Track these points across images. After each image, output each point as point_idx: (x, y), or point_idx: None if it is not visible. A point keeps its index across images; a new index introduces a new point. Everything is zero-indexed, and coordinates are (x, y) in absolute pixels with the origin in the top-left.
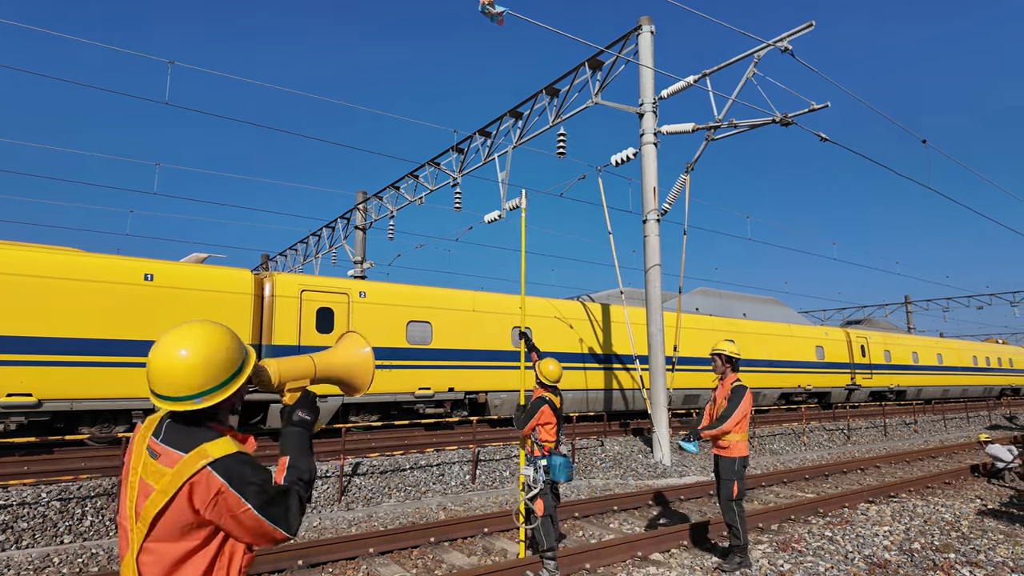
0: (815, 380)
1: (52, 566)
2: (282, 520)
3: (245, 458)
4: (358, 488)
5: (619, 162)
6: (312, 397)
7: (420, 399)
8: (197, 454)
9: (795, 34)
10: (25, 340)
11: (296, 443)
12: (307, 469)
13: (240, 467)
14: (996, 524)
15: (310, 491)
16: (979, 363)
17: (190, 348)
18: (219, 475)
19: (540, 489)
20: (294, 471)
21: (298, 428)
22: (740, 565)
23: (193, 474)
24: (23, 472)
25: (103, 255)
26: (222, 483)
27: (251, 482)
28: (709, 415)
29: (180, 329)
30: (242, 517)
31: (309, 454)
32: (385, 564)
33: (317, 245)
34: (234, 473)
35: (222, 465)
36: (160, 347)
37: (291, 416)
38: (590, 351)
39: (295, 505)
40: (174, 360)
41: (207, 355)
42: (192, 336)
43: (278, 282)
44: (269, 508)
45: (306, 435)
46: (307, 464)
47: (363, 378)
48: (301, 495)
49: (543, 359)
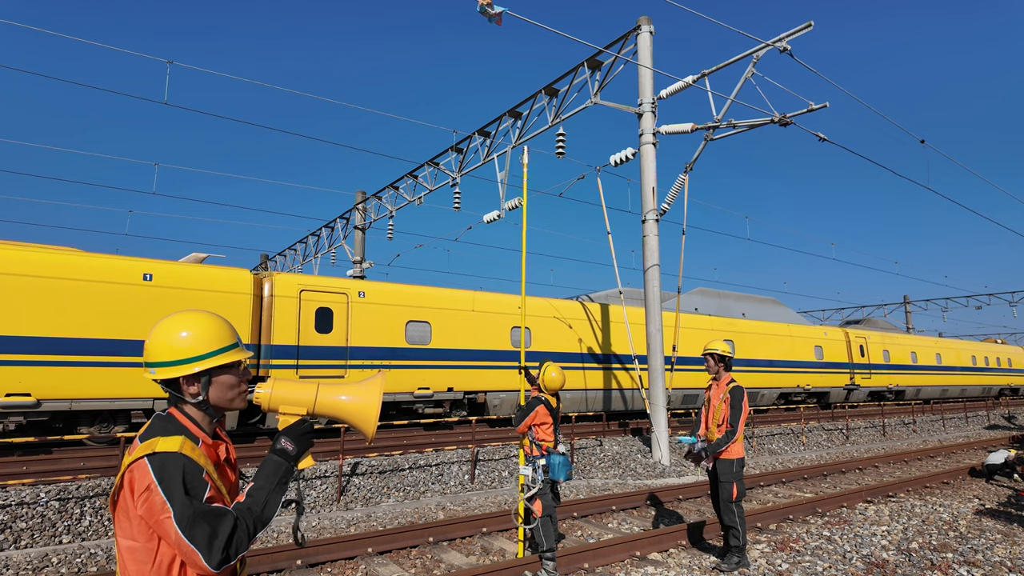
0: (814, 380)
1: (51, 566)
2: (203, 544)
3: (187, 462)
4: (357, 488)
5: (618, 162)
6: (304, 428)
7: (419, 399)
8: (148, 444)
9: (794, 34)
10: (24, 340)
11: (268, 473)
12: (264, 502)
13: (176, 468)
14: (994, 524)
15: (259, 526)
16: (978, 363)
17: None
18: (152, 469)
19: (539, 489)
20: (249, 500)
21: (277, 457)
22: (738, 564)
23: (131, 462)
24: (22, 472)
25: (102, 255)
26: (152, 479)
27: (179, 488)
28: (705, 419)
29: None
30: (164, 524)
31: (279, 490)
32: (384, 564)
33: (316, 245)
34: (168, 473)
35: (159, 460)
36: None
37: (275, 443)
38: (589, 351)
39: (226, 533)
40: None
41: (170, 330)
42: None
43: (277, 282)
44: (192, 525)
45: (283, 466)
46: (267, 497)
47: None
48: (240, 527)
49: (547, 366)
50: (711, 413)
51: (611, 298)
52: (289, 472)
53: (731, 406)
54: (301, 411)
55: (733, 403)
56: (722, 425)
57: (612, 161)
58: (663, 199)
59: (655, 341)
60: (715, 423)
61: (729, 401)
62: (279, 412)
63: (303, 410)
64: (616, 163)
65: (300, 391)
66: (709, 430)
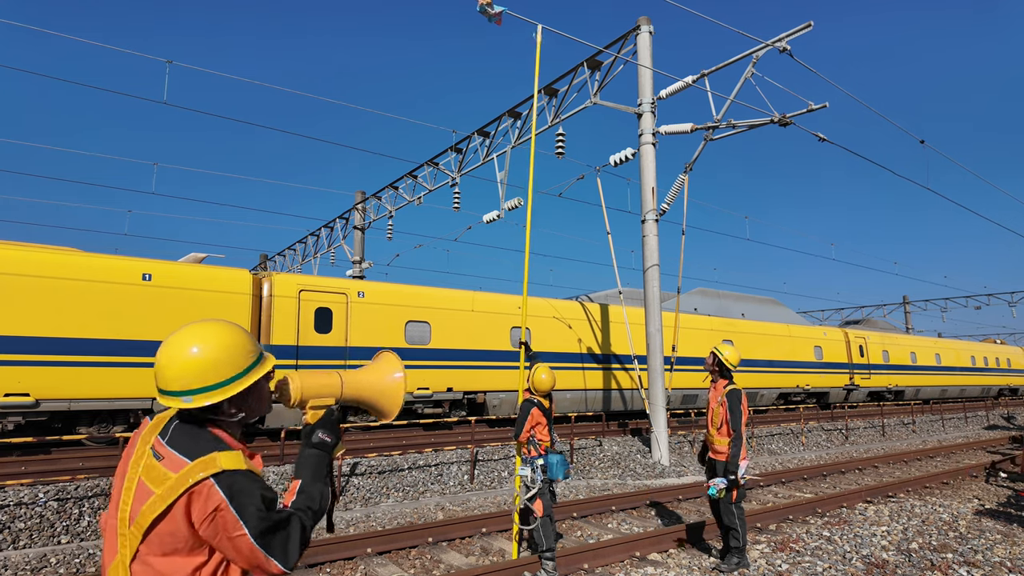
0: (813, 380)
1: (49, 566)
2: (279, 551)
3: (253, 477)
4: (356, 488)
5: (618, 162)
6: (336, 418)
7: (418, 399)
8: (205, 463)
9: (794, 34)
10: (23, 340)
11: (312, 467)
12: (319, 496)
13: (246, 486)
14: (994, 524)
15: (318, 520)
16: (977, 363)
17: (188, 344)
18: (221, 490)
19: (539, 489)
20: (303, 497)
21: (317, 451)
22: (738, 565)
23: (195, 483)
24: (20, 472)
25: (101, 255)
26: (222, 499)
27: (253, 505)
28: (710, 421)
29: (192, 325)
30: (237, 541)
31: (324, 480)
32: (383, 564)
33: (316, 245)
34: (237, 491)
35: (227, 480)
36: (167, 340)
37: (311, 437)
38: (589, 351)
39: (296, 535)
40: (175, 353)
41: (200, 352)
42: (196, 332)
43: (276, 282)
44: (267, 536)
45: (325, 458)
46: (319, 491)
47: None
48: (305, 524)
49: (536, 367)
50: (710, 415)
51: (611, 298)
52: (331, 464)
53: (729, 410)
54: (330, 401)
55: (731, 407)
56: (722, 428)
57: (612, 161)
58: (663, 199)
59: (655, 341)
60: (714, 426)
61: (726, 405)
62: (308, 406)
63: (331, 400)
64: (616, 163)
65: (326, 380)
66: (709, 432)
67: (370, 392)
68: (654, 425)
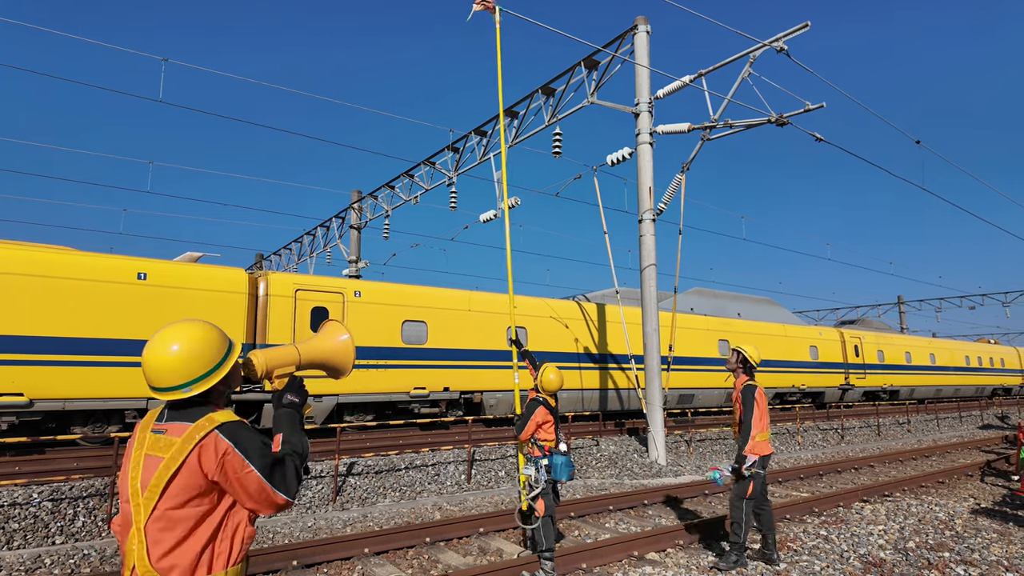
0: (809, 380)
1: (43, 567)
2: (281, 484)
3: (247, 425)
4: (353, 488)
5: (615, 162)
6: (299, 381)
7: (415, 399)
8: (206, 420)
9: (791, 34)
10: (16, 339)
11: (288, 422)
12: (300, 443)
13: (244, 431)
14: (990, 523)
15: (304, 464)
16: (971, 363)
17: (176, 343)
18: (225, 437)
19: (542, 489)
20: (288, 445)
21: (288, 409)
22: (736, 564)
23: (202, 437)
24: (14, 472)
25: (96, 254)
26: (228, 444)
27: (254, 445)
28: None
29: (167, 328)
30: (246, 479)
31: (301, 432)
32: (380, 564)
33: (312, 244)
34: (239, 436)
35: (228, 428)
36: (151, 345)
37: (281, 399)
38: (586, 351)
39: (292, 472)
40: (163, 356)
41: (191, 348)
42: (177, 333)
43: (272, 281)
44: (270, 471)
45: (296, 416)
46: (299, 439)
47: (344, 362)
48: (296, 464)
49: (545, 367)
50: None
51: (608, 298)
52: (301, 419)
53: (743, 404)
54: (291, 368)
55: (744, 401)
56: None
57: (609, 161)
58: (660, 199)
59: (651, 341)
60: (735, 422)
61: (741, 400)
62: (273, 378)
63: (292, 367)
64: (613, 163)
65: (285, 352)
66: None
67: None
68: (651, 425)
